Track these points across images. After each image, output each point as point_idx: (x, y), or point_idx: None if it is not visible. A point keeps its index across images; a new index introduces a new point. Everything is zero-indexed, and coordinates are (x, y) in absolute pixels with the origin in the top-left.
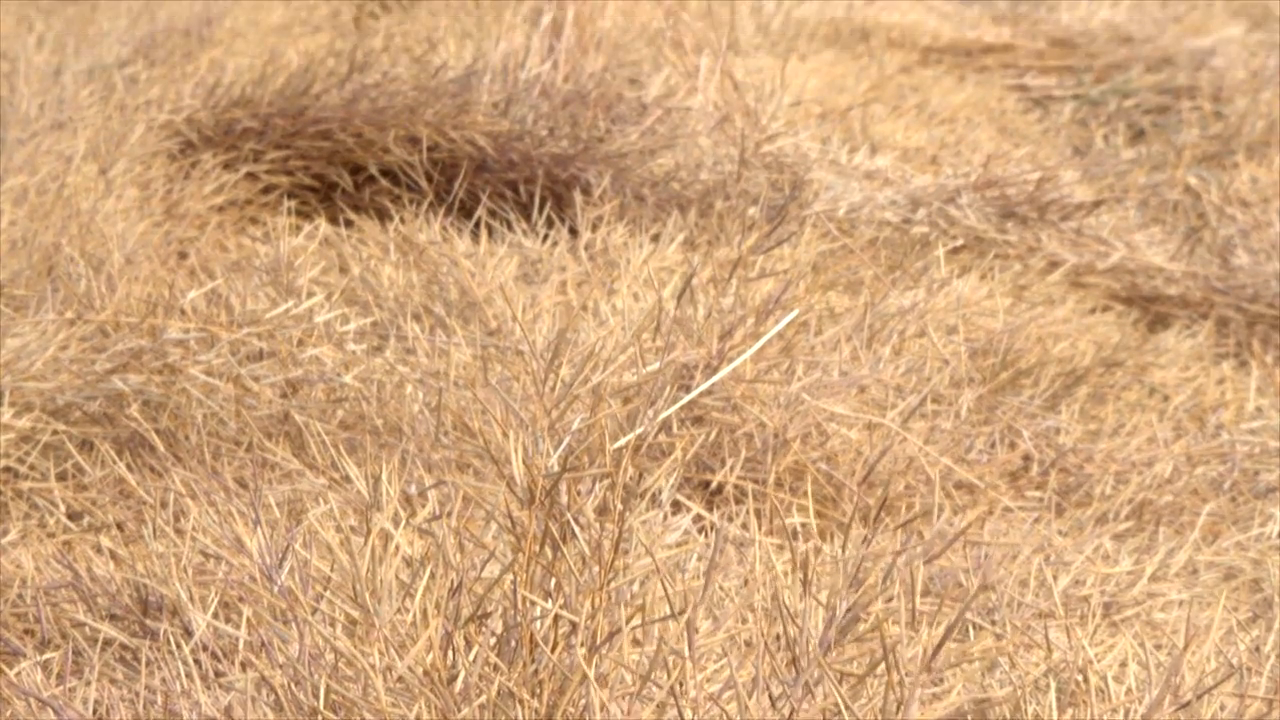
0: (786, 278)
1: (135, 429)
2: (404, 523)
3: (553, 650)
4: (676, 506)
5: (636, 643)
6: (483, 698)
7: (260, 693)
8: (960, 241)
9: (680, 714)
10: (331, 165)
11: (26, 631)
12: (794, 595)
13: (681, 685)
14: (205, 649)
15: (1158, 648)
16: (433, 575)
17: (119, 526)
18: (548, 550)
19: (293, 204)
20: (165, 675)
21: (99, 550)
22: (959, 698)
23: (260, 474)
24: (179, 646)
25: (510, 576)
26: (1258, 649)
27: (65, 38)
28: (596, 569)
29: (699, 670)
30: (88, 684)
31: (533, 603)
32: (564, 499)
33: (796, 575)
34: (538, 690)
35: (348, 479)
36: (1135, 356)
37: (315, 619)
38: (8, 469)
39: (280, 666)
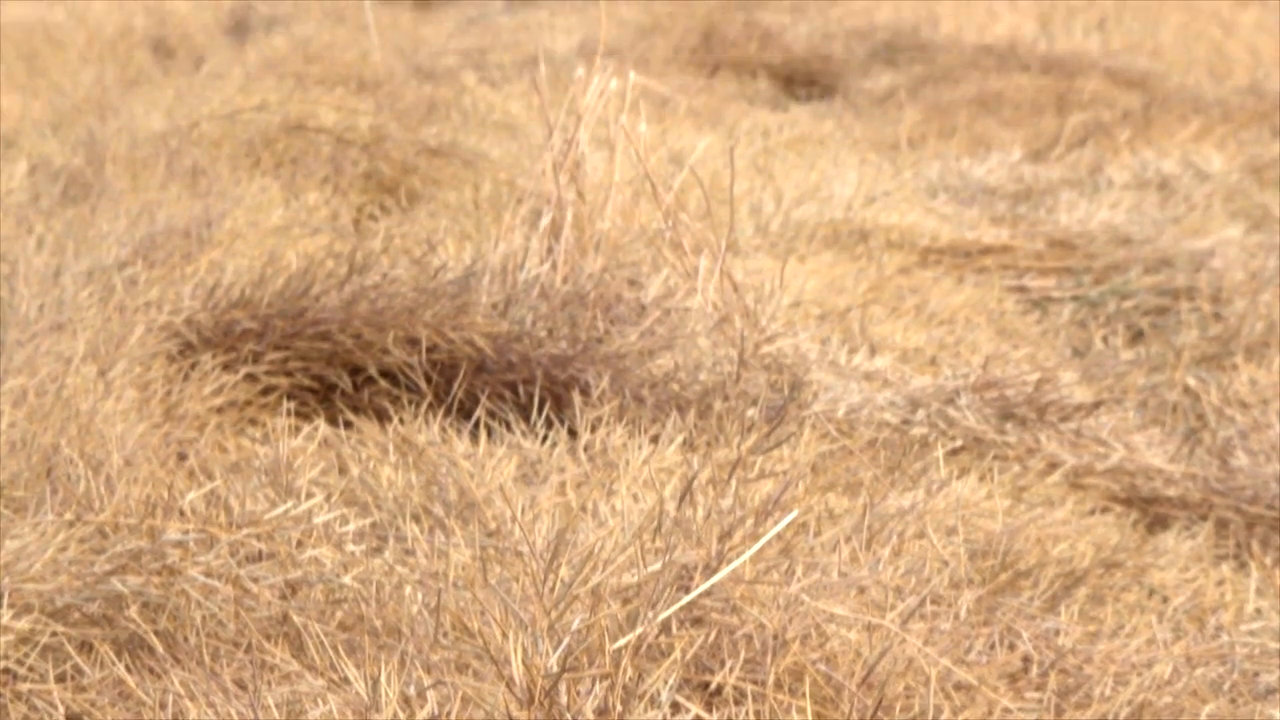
0: (786, 479)
1: (134, 630)
2: None
3: None
4: (676, 708)
5: None
6: None
7: None
8: (959, 442)
9: None
10: (331, 366)
11: None
12: None
13: None
14: None
15: None
16: None
17: None
18: None
19: (292, 405)
20: None
21: None
22: None
23: (259, 675)
24: None
25: None
26: None
27: (65, 240)
28: None
29: None
30: None
31: None
32: (563, 699)
33: None
34: None
35: (347, 680)
36: (1134, 557)
37: None
38: (7, 670)
39: None
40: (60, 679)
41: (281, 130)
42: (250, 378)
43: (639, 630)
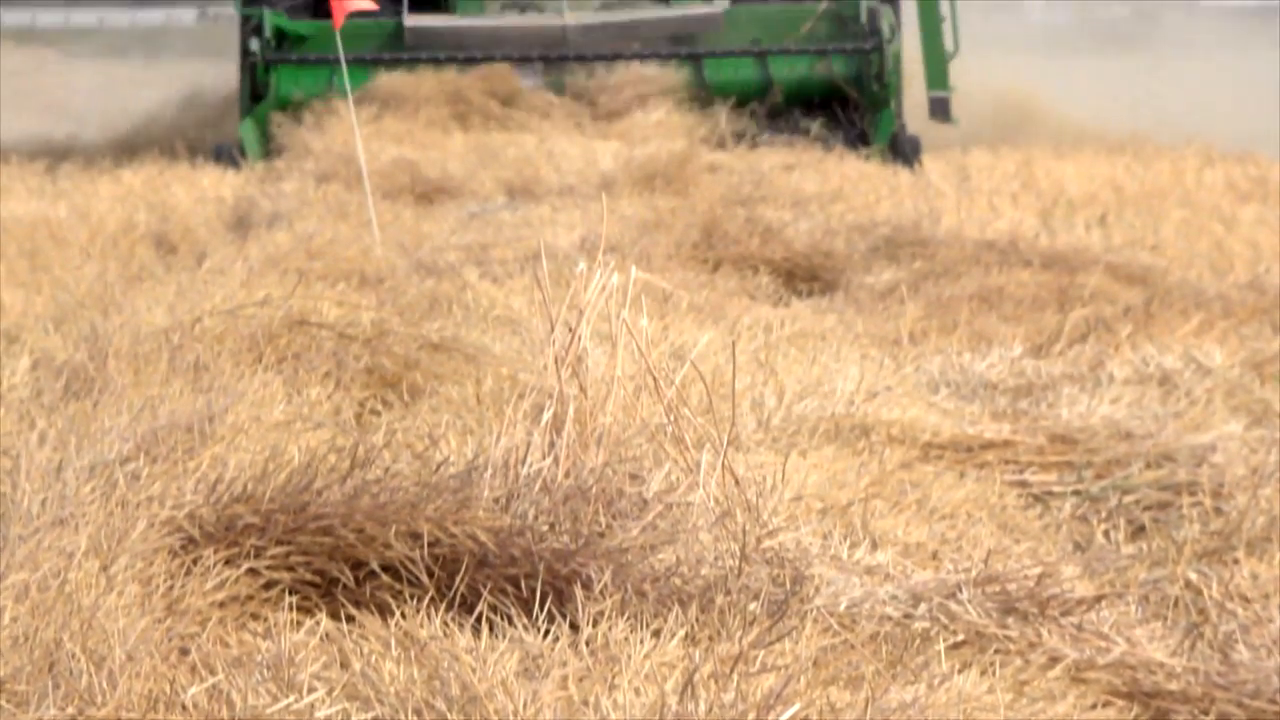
0: (788, 673)
1: None
2: None
3: None
4: None
5: None
6: None
7: None
8: (961, 637)
9: None
10: (333, 561)
11: None
12: None
13: None
14: None
15: None
16: None
17: None
18: None
19: (294, 599)
20: None
21: None
22: None
23: None
24: None
25: None
26: None
27: (67, 435)
28: None
29: None
30: None
31: None
32: None
33: None
34: None
35: None
36: None
37: None
38: None
39: None
40: None
41: (284, 326)
42: (252, 572)
43: None
